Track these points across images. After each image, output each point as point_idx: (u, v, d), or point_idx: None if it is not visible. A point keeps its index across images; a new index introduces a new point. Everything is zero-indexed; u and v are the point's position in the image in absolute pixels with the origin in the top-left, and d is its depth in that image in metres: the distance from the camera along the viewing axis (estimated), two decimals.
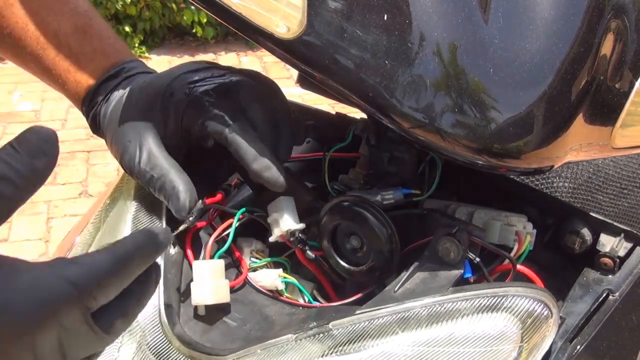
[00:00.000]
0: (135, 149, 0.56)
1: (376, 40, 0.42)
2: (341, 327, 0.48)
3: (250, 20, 0.43)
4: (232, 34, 3.99)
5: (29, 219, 2.40)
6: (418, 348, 0.45)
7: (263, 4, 0.43)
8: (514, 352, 0.45)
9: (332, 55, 0.42)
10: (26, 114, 3.15)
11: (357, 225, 0.54)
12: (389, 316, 0.47)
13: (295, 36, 0.42)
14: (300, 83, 0.65)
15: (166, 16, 3.83)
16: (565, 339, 0.49)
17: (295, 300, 0.57)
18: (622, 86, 0.48)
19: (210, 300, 0.52)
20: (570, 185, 0.79)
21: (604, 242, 0.59)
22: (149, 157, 0.55)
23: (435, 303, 0.46)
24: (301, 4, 0.41)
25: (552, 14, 0.43)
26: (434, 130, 0.43)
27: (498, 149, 0.44)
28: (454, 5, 0.42)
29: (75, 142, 2.95)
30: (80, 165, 2.79)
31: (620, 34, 0.46)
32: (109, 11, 3.67)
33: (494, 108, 0.43)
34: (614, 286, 0.55)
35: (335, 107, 0.99)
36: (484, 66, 0.42)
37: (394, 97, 0.43)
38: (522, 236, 0.56)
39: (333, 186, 0.61)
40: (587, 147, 0.50)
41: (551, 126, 0.45)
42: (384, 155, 0.58)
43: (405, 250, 0.54)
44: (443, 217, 0.56)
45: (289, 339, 0.49)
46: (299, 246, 0.56)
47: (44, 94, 3.25)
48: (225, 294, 0.53)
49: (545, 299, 0.46)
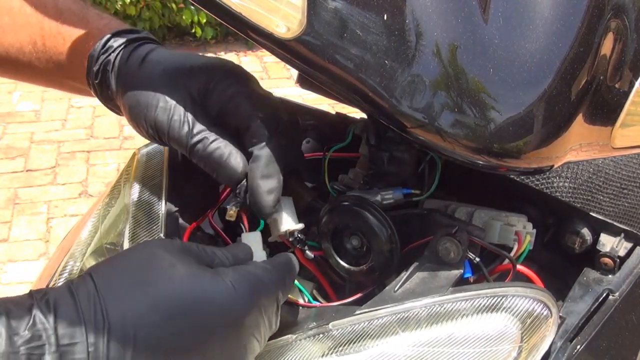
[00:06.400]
0: (176, 112, 0.52)
1: (376, 40, 0.42)
2: (341, 327, 0.48)
3: (250, 20, 0.43)
4: (232, 34, 3.99)
5: (29, 219, 2.40)
6: (418, 348, 0.45)
7: (263, 4, 0.43)
8: (514, 352, 0.45)
9: (332, 55, 0.42)
10: (26, 114, 3.15)
11: (357, 225, 0.53)
12: (389, 316, 0.47)
13: (295, 36, 0.42)
14: (300, 83, 0.65)
15: (166, 16, 3.83)
16: (565, 339, 0.49)
17: (295, 300, 0.57)
18: (622, 86, 0.48)
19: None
20: (570, 185, 0.79)
21: (604, 242, 0.59)
22: (194, 122, 0.52)
23: (435, 303, 0.46)
24: (301, 4, 0.41)
25: (552, 13, 0.43)
26: (433, 130, 0.43)
27: (498, 149, 0.44)
28: (453, 5, 0.42)
29: (75, 142, 2.95)
30: (80, 165, 2.79)
31: (620, 33, 0.46)
32: (108, 11, 3.66)
33: (494, 108, 0.43)
34: (614, 286, 0.55)
35: (335, 107, 0.99)
36: (483, 66, 0.42)
37: (393, 97, 0.43)
38: (522, 236, 0.56)
39: (333, 186, 0.61)
40: (587, 147, 0.50)
41: (551, 126, 0.45)
42: (384, 155, 0.58)
43: (405, 250, 0.54)
44: (443, 217, 0.56)
45: (289, 339, 0.49)
46: (298, 246, 0.56)
47: (44, 94, 3.25)
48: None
49: (545, 299, 0.46)
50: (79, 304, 0.38)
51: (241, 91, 0.53)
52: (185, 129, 0.52)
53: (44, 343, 0.36)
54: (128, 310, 0.39)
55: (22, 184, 2.63)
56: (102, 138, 3.00)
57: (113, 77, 0.56)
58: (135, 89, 0.54)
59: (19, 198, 2.53)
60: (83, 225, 0.70)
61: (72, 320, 0.37)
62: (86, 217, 0.75)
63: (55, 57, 0.61)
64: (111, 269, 0.42)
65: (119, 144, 2.95)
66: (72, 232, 0.83)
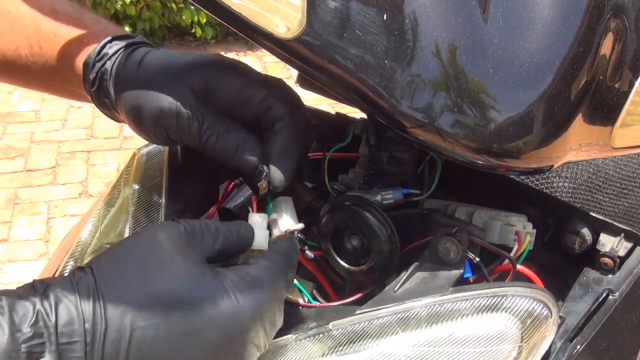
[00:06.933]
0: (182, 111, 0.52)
1: (376, 40, 0.42)
2: (341, 327, 0.48)
3: (250, 20, 0.43)
4: (232, 34, 3.99)
5: (29, 219, 2.40)
6: (418, 348, 0.45)
7: (263, 4, 0.43)
8: (514, 352, 0.45)
9: (331, 55, 0.42)
10: (26, 114, 3.15)
11: (357, 225, 0.54)
12: (389, 316, 0.47)
13: (294, 36, 0.42)
14: (300, 83, 0.65)
15: (166, 16, 3.83)
16: (565, 339, 0.49)
17: (295, 300, 0.57)
18: (621, 86, 0.48)
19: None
20: (570, 185, 0.79)
21: (604, 242, 0.59)
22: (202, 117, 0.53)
23: (435, 303, 0.46)
24: (301, 4, 0.41)
25: (552, 13, 0.43)
26: (433, 130, 0.43)
27: (498, 149, 0.44)
28: (453, 5, 0.42)
29: (75, 142, 2.95)
30: (80, 165, 2.79)
31: (619, 33, 0.46)
32: (108, 11, 3.67)
33: (494, 108, 0.43)
34: (614, 286, 0.55)
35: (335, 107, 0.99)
36: (483, 66, 0.42)
37: (393, 97, 0.43)
38: (522, 236, 0.56)
39: (333, 186, 0.61)
40: (586, 147, 0.50)
41: (551, 126, 0.45)
42: (384, 155, 0.58)
43: (405, 250, 0.54)
44: (443, 217, 0.56)
45: (289, 339, 0.49)
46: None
47: (44, 94, 3.25)
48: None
49: (545, 299, 0.46)
50: (79, 301, 0.39)
51: (248, 81, 0.53)
52: (196, 126, 0.52)
53: (44, 341, 0.37)
54: (125, 309, 0.39)
55: (22, 184, 2.63)
56: (102, 138, 3.00)
57: (111, 85, 0.56)
58: (136, 95, 0.54)
59: (19, 198, 2.53)
60: (83, 225, 0.70)
61: (72, 319, 0.38)
62: (86, 217, 0.75)
63: (52, 61, 0.61)
64: (112, 262, 0.42)
65: (119, 144, 2.95)
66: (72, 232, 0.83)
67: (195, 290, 0.41)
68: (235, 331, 0.42)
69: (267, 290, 0.45)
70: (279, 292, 0.46)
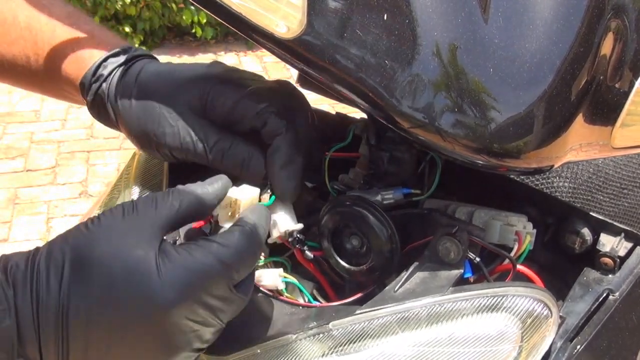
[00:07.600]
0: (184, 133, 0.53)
1: (376, 40, 0.42)
2: (341, 327, 0.48)
3: (250, 20, 0.43)
4: (232, 34, 4.00)
5: (29, 219, 2.40)
6: (418, 348, 0.45)
7: (263, 4, 0.43)
8: (514, 352, 0.45)
9: (332, 55, 0.42)
10: (26, 114, 3.15)
11: (357, 225, 0.54)
12: (389, 316, 0.47)
13: (295, 36, 0.42)
14: (300, 83, 0.65)
15: (166, 16, 3.83)
16: (565, 339, 0.49)
17: (295, 300, 0.57)
18: (622, 86, 0.48)
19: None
20: (570, 185, 0.79)
21: (604, 241, 0.59)
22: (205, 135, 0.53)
23: (435, 303, 0.46)
24: (301, 4, 0.41)
25: (552, 13, 0.43)
26: (433, 130, 0.43)
27: (498, 149, 0.44)
28: (453, 5, 0.42)
29: (75, 142, 2.95)
30: (80, 165, 2.79)
31: (620, 33, 0.46)
32: (108, 11, 3.67)
33: (494, 108, 0.43)
34: (614, 286, 0.55)
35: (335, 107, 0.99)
36: (483, 66, 0.42)
37: (394, 97, 0.43)
38: (522, 236, 0.56)
39: (333, 186, 0.61)
40: (587, 147, 0.50)
41: (551, 126, 0.45)
42: (384, 155, 0.58)
43: (405, 250, 0.54)
44: (443, 217, 0.56)
45: (289, 339, 0.49)
46: (297, 246, 0.56)
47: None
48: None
49: (545, 299, 0.46)
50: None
51: (242, 96, 0.53)
52: (200, 147, 0.53)
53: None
54: (68, 285, 0.41)
55: (22, 183, 2.63)
56: (102, 138, 3.00)
57: (110, 108, 0.57)
58: (137, 122, 0.55)
59: (19, 198, 2.53)
60: None
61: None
62: (86, 217, 0.75)
63: (51, 73, 0.62)
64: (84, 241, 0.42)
65: (119, 144, 2.95)
66: None
67: (131, 268, 0.41)
68: (161, 311, 0.41)
69: (209, 273, 0.43)
70: (228, 274, 0.44)
